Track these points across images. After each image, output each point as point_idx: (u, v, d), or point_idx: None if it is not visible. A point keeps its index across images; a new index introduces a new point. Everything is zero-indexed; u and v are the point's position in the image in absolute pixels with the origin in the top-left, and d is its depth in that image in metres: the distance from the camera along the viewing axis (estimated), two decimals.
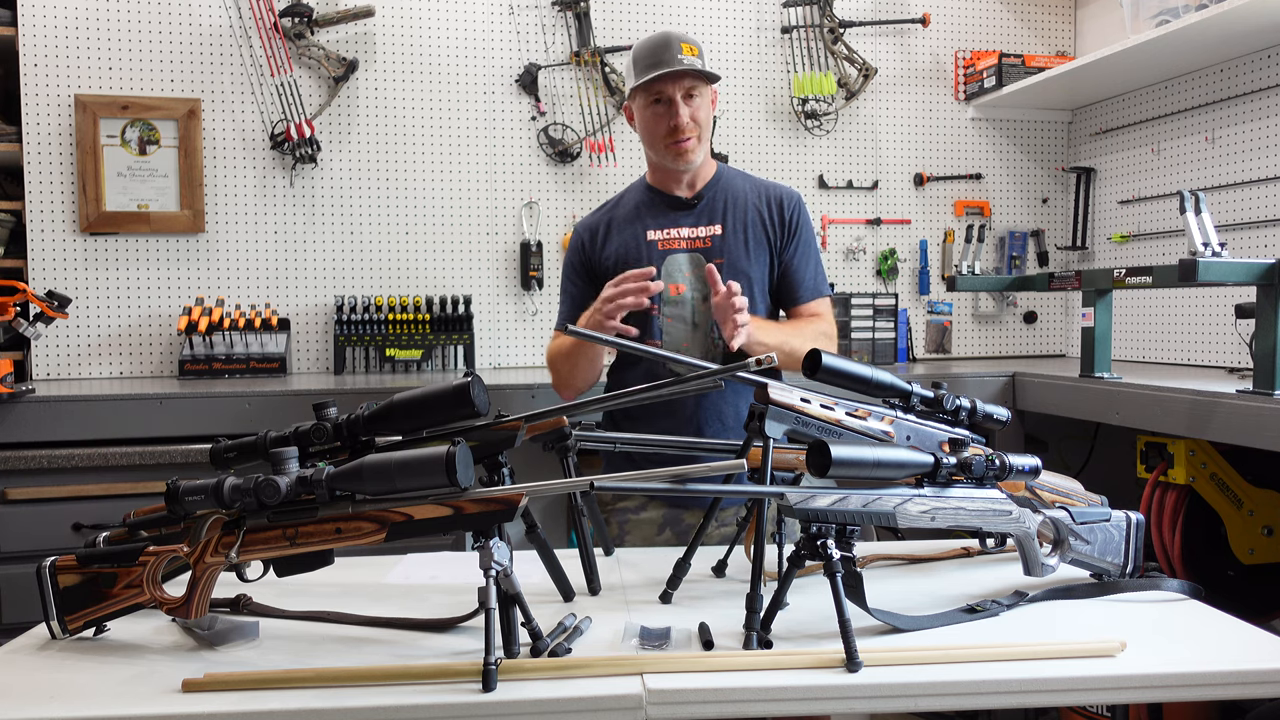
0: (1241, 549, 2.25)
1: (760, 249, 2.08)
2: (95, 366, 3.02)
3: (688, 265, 2.05)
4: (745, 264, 2.06)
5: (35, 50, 2.95)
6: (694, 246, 2.06)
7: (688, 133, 1.99)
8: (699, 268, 2.03)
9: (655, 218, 2.08)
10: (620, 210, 2.13)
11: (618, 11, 3.35)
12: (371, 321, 3.09)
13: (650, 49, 1.97)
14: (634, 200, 2.13)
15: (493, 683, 1.05)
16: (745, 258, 2.06)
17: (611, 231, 2.09)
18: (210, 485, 1.16)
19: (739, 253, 2.06)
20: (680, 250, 2.05)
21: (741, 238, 2.07)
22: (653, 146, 2.05)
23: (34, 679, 1.12)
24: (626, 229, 2.08)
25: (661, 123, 1.99)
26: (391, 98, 3.21)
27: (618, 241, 2.08)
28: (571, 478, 1.36)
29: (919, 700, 1.10)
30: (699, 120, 2.00)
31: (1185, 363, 3.14)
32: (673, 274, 2.04)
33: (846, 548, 1.18)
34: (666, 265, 2.04)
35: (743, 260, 2.06)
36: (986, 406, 1.47)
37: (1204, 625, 1.29)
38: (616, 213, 2.13)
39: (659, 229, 2.07)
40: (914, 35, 3.59)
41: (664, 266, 2.04)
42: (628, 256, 2.05)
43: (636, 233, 2.07)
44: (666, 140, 2.00)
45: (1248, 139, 2.89)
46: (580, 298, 2.11)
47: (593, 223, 2.14)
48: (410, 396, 1.27)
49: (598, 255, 2.09)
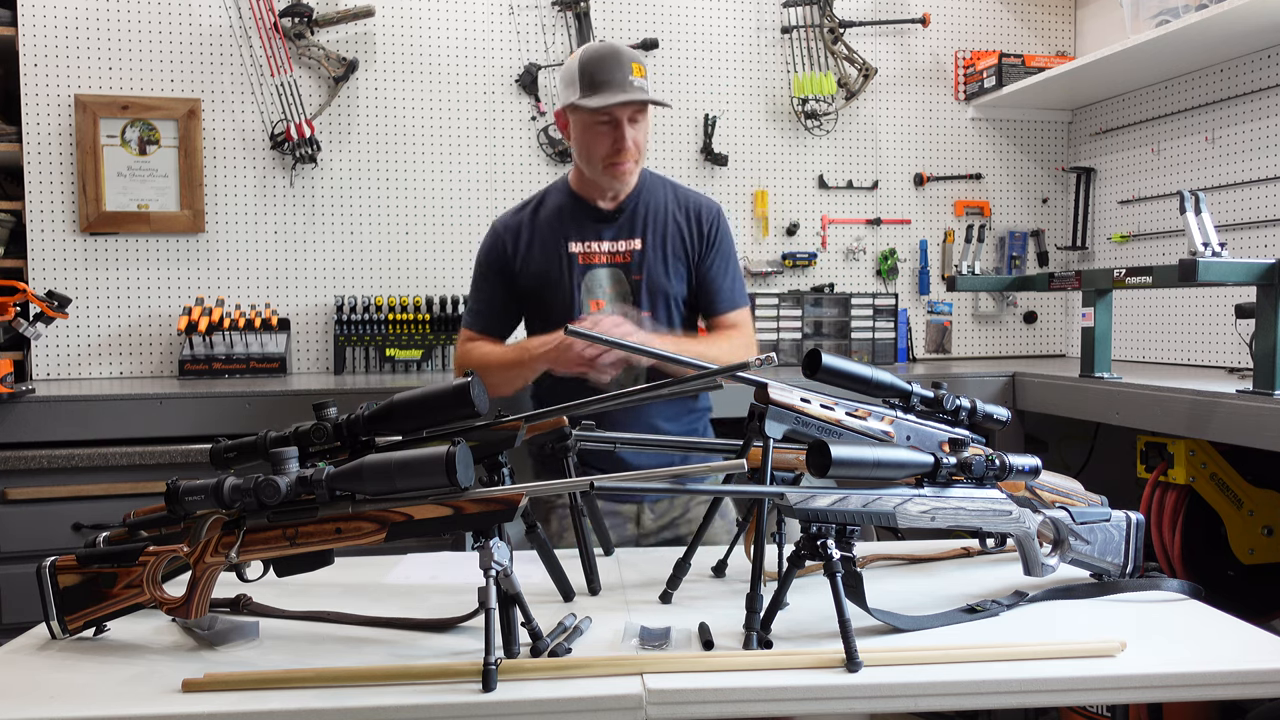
0: (1241, 549, 2.25)
1: (679, 262, 2.08)
2: (95, 366, 3.02)
3: (608, 281, 2.05)
4: (664, 281, 2.06)
5: (35, 50, 2.95)
6: (614, 261, 2.06)
7: (629, 157, 1.98)
8: (619, 284, 2.04)
9: (577, 228, 2.07)
10: (542, 213, 2.11)
11: (618, 11, 3.35)
12: (371, 321, 3.09)
13: (600, 64, 1.94)
14: (556, 204, 2.11)
15: (493, 683, 1.05)
16: (664, 274, 2.06)
17: (534, 238, 2.07)
18: (210, 485, 1.16)
19: (658, 269, 2.06)
20: (600, 265, 2.05)
21: (661, 253, 2.06)
22: (588, 163, 2.02)
23: (34, 679, 1.12)
24: (548, 237, 2.07)
25: (603, 142, 1.97)
26: (391, 98, 3.21)
27: (538, 251, 2.06)
28: (571, 478, 1.36)
29: (919, 700, 1.10)
30: (639, 144, 2.00)
31: (1185, 363, 3.14)
32: (593, 289, 2.05)
33: (846, 548, 1.18)
34: (587, 280, 2.05)
35: (661, 277, 2.06)
36: (986, 406, 1.47)
37: (1204, 625, 1.29)
38: (538, 216, 2.10)
39: (580, 241, 2.06)
40: (914, 35, 3.59)
41: (584, 282, 2.04)
42: (549, 269, 2.05)
43: (558, 244, 2.05)
44: (606, 160, 1.98)
45: (1248, 139, 2.89)
46: (495, 298, 2.10)
47: (513, 224, 2.11)
48: (410, 397, 1.27)
49: (517, 261, 2.07)
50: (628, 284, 2.06)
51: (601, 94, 1.92)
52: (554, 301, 2.05)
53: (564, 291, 2.04)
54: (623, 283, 2.05)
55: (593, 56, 1.96)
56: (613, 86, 1.92)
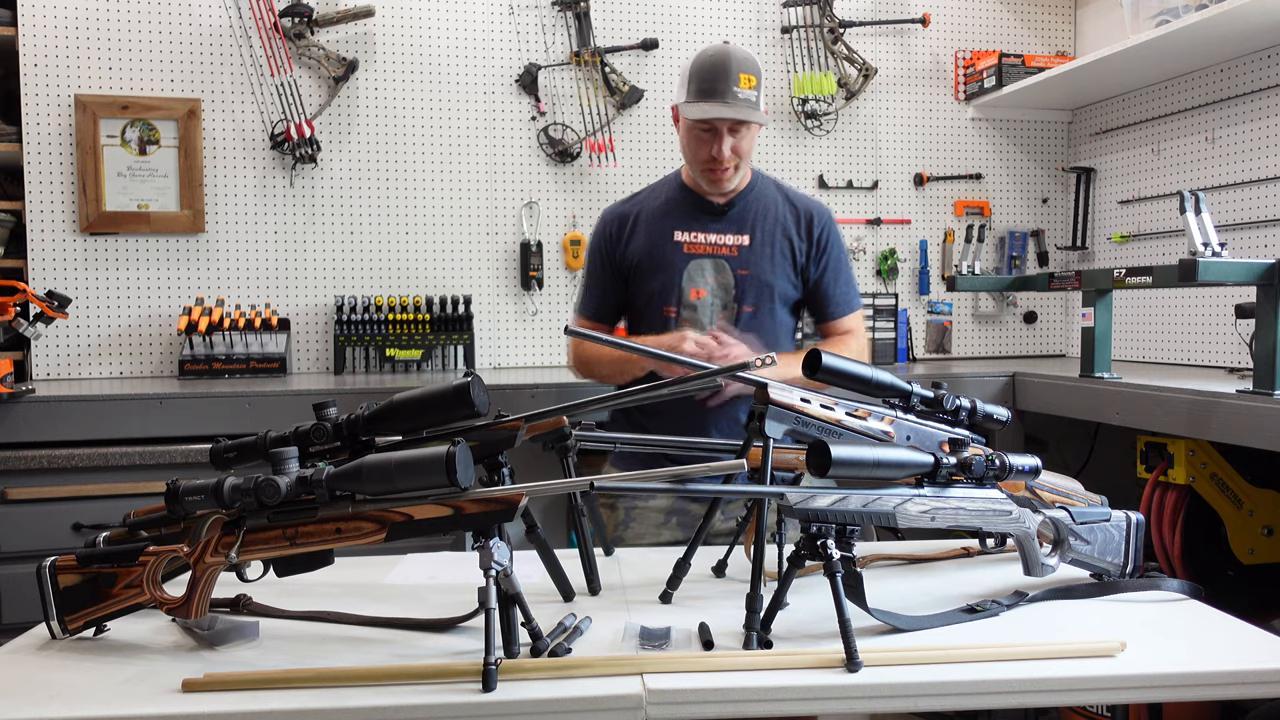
0: (1241, 549, 2.25)
1: (785, 262, 2.10)
2: (95, 366, 3.02)
3: (711, 271, 2.07)
4: (769, 276, 2.08)
5: (35, 50, 2.95)
6: (719, 253, 2.07)
7: (726, 164, 2.00)
8: (722, 274, 2.06)
9: (684, 219, 2.09)
10: (651, 203, 2.13)
11: (618, 11, 3.35)
12: (371, 321, 3.08)
13: (710, 71, 1.96)
14: (665, 195, 2.14)
15: (493, 683, 1.05)
16: (770, 270, 2.08)
17: (639, 225, 2.10)
18: (210, 485, 1.16)
19: (764, 265, 2.08)
20: (705, 255, 2.07)
21: (768, 250, 2.08)
22: (691, 163, 2.07)
23: (34, 679, 1.12)
24: (655, 225, 2.09)
25: (704, 148, 2.00)
26: (391, 98, 3.21)
27: (644, 237, 2.08)
28: (571, 478, 1.36)
29: (919, 700, 1.10)
30: (740, 152, 2.01)
31: (1185, 363, 3.14)
32: (694, 278, 2.06)
33: (846, 548, 1.18)
34: (689, 269, 2.06)
35: (767, 272, 2.08)
36: (986, 406, 1.47)
37: (1204, 625, 1.29)
38: (647, 205, 2.13)
39: (687, 231, 2.08)
40: (914, 35, 3.59)
41: (686, 269, 2.06)
42: (652, 255, 2.07)
43: (664, 231, 2.08)
44: (704, 165, 2.02)
45: (1248, 139, 2.89)
46: (603, 284, 2.13)
47: (622, 212, 2.14)
48: (410, 397, 1.27)
49: (622, 246, 2.10)
50: (731, 276, 2.07)
51: (703, 103, 1.95)
52: (655, 287, 2.06)
53: (665, 277, 2.06)
54: (726, 274, 2.06)
55: (704, 62, 1.98)
56: (715, 96, 1.94)
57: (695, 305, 2.04)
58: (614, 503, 2.06)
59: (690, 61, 2.02)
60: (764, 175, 2.18)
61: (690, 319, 2.04)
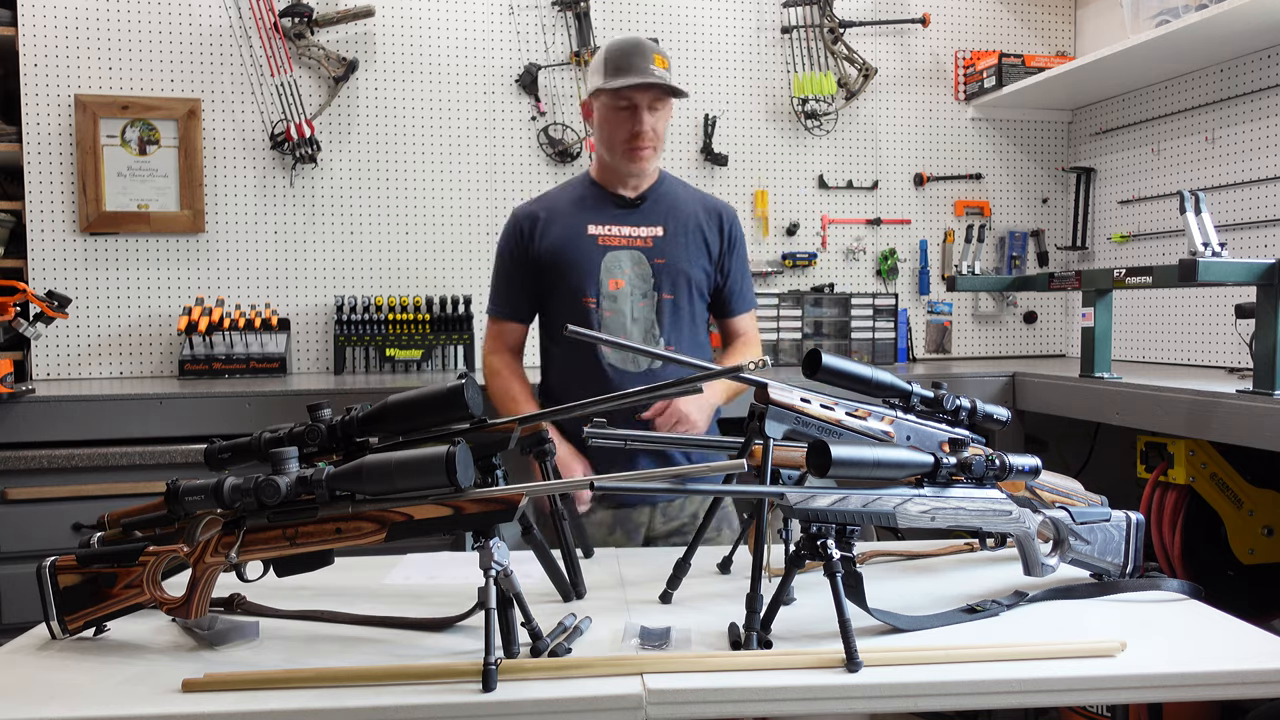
0: (1241, 549, 2.25)
1: (700, 255, 2.14)
2: (95, 366, 3.02)
3: (628, 262, 2.09)
4: (685, 264, 2.12)
5: (35, 50, 2.95)
6: (634, 245, 2.10)
7: (647, 141, 2.04)
8: (639, 265, 2.09)
9: (598, 213, 2.11)
10: (560, 201, 2.16)
11: (618, 11, 3.35)
12: (371, 321, 3.08)
13: (623, 52, 2.01)
14: (576, 193, 2.16)
15: (493, 683, 1.05)
16: (686, 259, 2.12)
17: (552, 222, 2.12)
18: (210, 485, 1.16)
19: (679, 254, 2.11)
20: (621, 248, 2.10)
21: (682, 240, 2.12)
22: (609, 148, 2.08)
23: (34, 679, 1.12)
24: (568, 220, 2.11)
25: (623, 127, 2.03)
26: (391, 98, 3.21)
27: (558, 233, 2.10)
28: (566, 479, 1.36)
29: (919, 700, 1.10)
30: (658, 131, 2.06)
31: (1185, 363, 3.14)
32: (612, 270, 2.08)
33: (846, 548, 1.18)
34: (606, 261, 2.08)
35: (683, 261, 2.11)
36: (986, 406, 1.47)
37: (1204, 625, 1.29)
38: (557, 203, 2.16)
39: (601, 225, 2.10)
40: (914, 35, 3.59)
41: (604, 262, 2.08)
42: (567, 249, 2.09)
43: (577, 226, 2.10)
44: (625, 145, 2.04)
45: (1248, 139, 2.89)
46: (516, 283, 2.15)
47: (532, 211, 2.15)
48: (404, 398, 1.27)
49: (535, 244, 2.11)
50: (649, 266, 2.09)
51: (625, 77, 1.98)
52: (572, 280, 2.08)
53: (582, 270, 2.07)
54: (644, 264, 2.09)
55: (618, 45, 2.04)
56: (634, 72, 1.98)
57: (615, 295, 2.07)
58: None
59: (600, 52, 2.06)
60: (671, 175, 2.22)
61: (611, 309, 2.07)
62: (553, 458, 1.51)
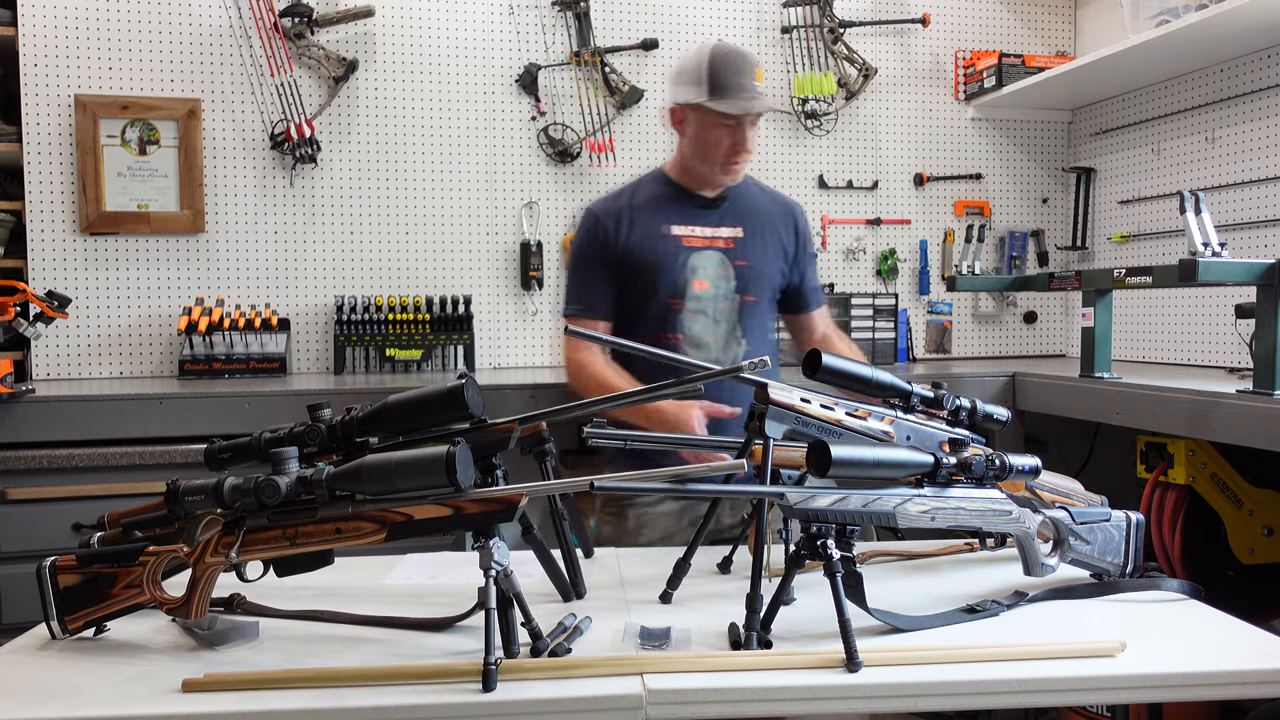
0: (1241, 549, 2.25)
1: (778, 256, 2.15)
2: (95, 366, 3.02)
3: (712, 263, 2.09)
4: (767, 268, 2.13)
5: (35, 50, 2.95)
6: (716, 245, 2.09)
7: (746, 157, 2.05)
8: (721, 266, 2.08)
9: (678, 213, 2.10)
10: (638, 199, 2.13)
11: (618, 11, 3.35)
12: (371, 321, 3.08)
13: (727, 68, 1.98)
14: (652, 192, 2.14)
15: (493, 683, 1.05)
16: (765, 261, 2.13)
17: (635, 221, 2.09)
18: (210, 485, 1.16)
19: (760, 256, 2.12)
20: (704, 248, 2.09)
21: (762, 242, 2.12)
22: (704, 159, 2.06)
23: (34, 679, 1.12)
24: (649, 220, 2.09)
25: (724, 143, 2.02)
26: (391, 98, 3.21)
27: (640, 232, 2.08)
28: (565, 479, 1.36)
29: (919, 700, 1.10)
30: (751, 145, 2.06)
31: (1185, 363, 3.14)
32: (697, 270, 2.08)
33: (846, 548, 1.18)
34: (691, 261, 2.07)
35: (763, 263, 2.12)
36: (986, 406, 1.47)
37: (1204, 625, 1.29)
38: (635, 201, 2.13)
39: (682, 224, 2.09)
40: (914, 35, 3.59)
41: (688, 262, 2.07)
42: (651, 250, 2.07)
43: (659, 226, 2.08)
44: (724, 159, 2.04)
45: (1248, 139, 2.89)
46: (597, 282, 2.10)
47: (612, 208, 2.12)
48: (404, 399, 1.27)
49: (618, 242, 2.09)
50: (731, 267, 2.10)
51: (730, 99, 1.97)
52: (658, 282, 2.07)
53: (667, 271, 2.06)
54: (726, 266, 2.09)
55: (722, 59, 2.00)
56: (741, 92, 1.98)
57: (699, 297, 2.07)
58: (623, 511, 2.05)
59: (694, 59, 2.02)
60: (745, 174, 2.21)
61: (695, 309, 2.06)
62: (553, 458, 1.50)
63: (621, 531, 2.05)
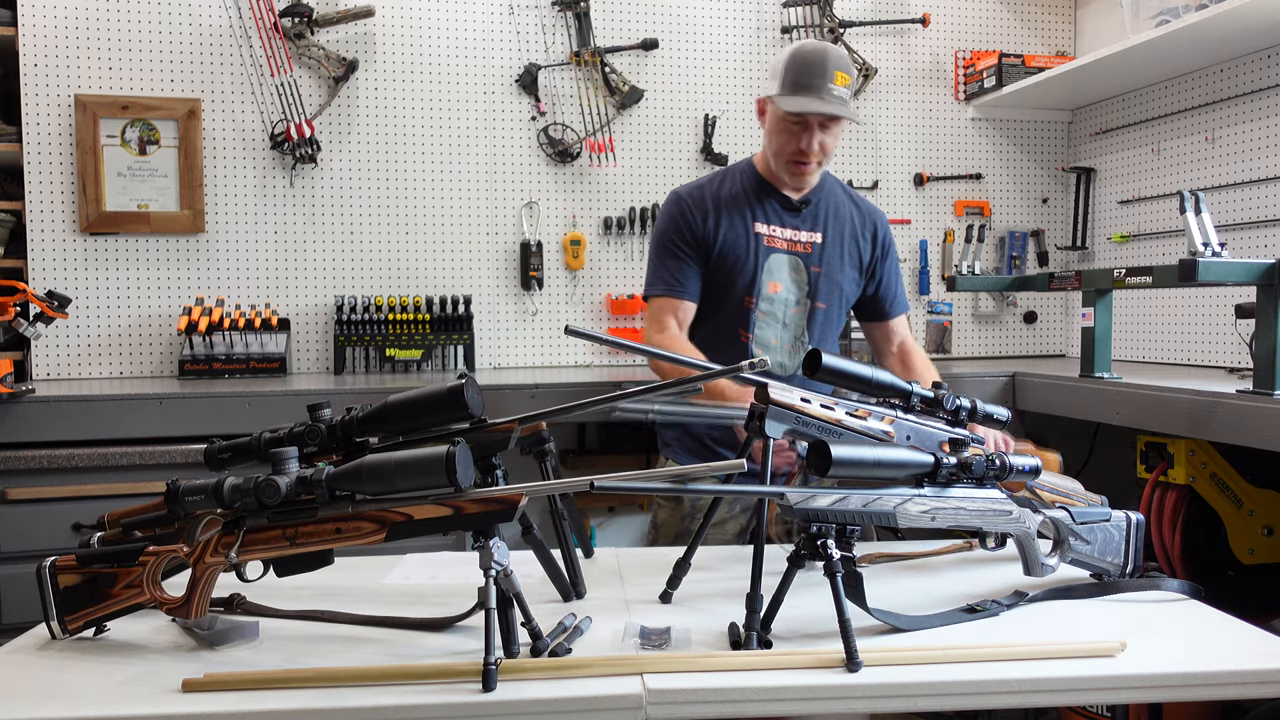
0: (1241, 549, 2.25)
1: (853, 264, 2.15)
2: (95, 366, 3.02)
3: (787, 267, 2.09)
4: (840, 276, 2.12)
5: (35, 50, 2.95)
6: (793, 249, 2.09)
7: (812, 159, 2.02)
8: (797, 271, 2.08)
9: (762, 210, 2.10)
10: (725, 190, 2.12)
11: (618, 11, 3.35)
12: (371, 321, 3.08)
13: (808, 66, 1.96)
14: (740, 184, 2.13)
15: (493, 683, 1.05)
16: (840, 269, 2.12)
17: (721, 211, 2.09)
18: (210, 485, 1.16)
19: (836, 264, 2.12)
20: (781, 250, 2.09)
21: (839, 250, 2.12)
22: (774, 156, 2.07)
23: (34, 679, 1.12)
24: (735, 213, 2.09)
25: (793, 142, 2.01)
26: (391, 98, 3.21)
27: (726, 225, 2.08)
28: (564, 479, 1.36)
29: (919, 700, 1.10)
30: (826, 149, 2.03)
31: (1185, 363, 3.14)
32: (773, 272, 2.08)
33: (846, 548, 1.18)
34: (768, 262, 2.07)
35: (837, 271, 2.12)
36: (986, 406, 1.47)
37: (1204, 625, 1.29)
38: (721, 191, 2.12)
39: (766, 224, 2.09)
40: (914, 35, 3.59)
41: (766, 263, 2.07)
42: (736, 245, 2.07)
43: (744, 221, 2.08)
44: (791, 159, 2.03)
45: (1248, 139, 2.89)
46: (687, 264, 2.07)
47: (699, 195, 2.11)
48: (404, 398, 1.27)
49: (706, 230, 2.08)
50: (806, 273, 2.09)
51: (799, 96, 1.95)
52: (736, 278, 2.06)
53: (747, 270, 2.06)
54: (801, 271, 2.09)
55: (801, 56, 1.98)
56: (811, 92, 1.95)
57: (772, 299, 2.07)
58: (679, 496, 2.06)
59: (785, 54, 2.01)
60: (831, 175, 2.19)
61: (766, 311, 2.07)
62: (553, 457, 1.50)
63: (677, 516, 2.08)
